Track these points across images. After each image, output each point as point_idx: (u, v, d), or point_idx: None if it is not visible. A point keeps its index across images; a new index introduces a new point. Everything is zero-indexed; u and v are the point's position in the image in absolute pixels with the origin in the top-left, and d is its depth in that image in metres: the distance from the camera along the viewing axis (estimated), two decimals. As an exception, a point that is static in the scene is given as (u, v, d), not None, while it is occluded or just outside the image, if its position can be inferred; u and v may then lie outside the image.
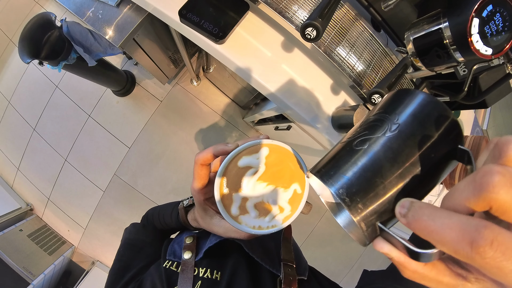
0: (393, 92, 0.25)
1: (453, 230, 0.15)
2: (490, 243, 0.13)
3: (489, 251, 0.13)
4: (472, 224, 0.14)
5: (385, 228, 0.21)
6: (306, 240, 2.14)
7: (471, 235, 0.14)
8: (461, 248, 0.14)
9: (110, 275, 0.43)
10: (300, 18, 0.61)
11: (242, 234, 0.36)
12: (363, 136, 0.23)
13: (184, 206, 0.46)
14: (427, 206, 0.17)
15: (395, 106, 0.24)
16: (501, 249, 0.13)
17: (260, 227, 0.32)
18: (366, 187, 0.20)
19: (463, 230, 0.14)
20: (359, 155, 0.22)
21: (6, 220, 1.92)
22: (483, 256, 0.14)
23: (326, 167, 0.23)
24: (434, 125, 0.21)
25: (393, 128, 0.22)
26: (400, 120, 0.22)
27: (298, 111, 0.70)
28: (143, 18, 0.87)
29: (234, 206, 0.32)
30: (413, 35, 0.50)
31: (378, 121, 0.23)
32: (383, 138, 0.22)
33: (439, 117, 0.22)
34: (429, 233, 0.16)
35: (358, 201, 0.20)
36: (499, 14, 0.41)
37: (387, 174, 0.21)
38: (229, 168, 0.32)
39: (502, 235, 0.13)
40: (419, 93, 0.23)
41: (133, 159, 2.01)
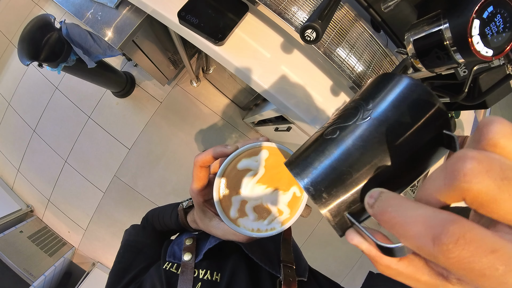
0: (375, 77, 0.23)
1: (416, 224, 0.13)
2: (455, 241, 0.12)
3: (454, 250, 0.12)
4: (438, 218, 0.13)
5: (352, 219, 0.20)
6: (307, 240, 2.14)
7: (435, 230, 0.13)
8: (423, 244, 0.13)
9: (110, 276, 0.43)
10: (299, 20, 0.61)
11: (241, 237, 0.35)
12: (334, 125, 0.22)
13: (184, 208, 0.46)
14: (396, 197, 0.16)
15: (372, 91, 0.22)
16: (469, 248, 0.12)
17: (259, 230, 0.32)
18: (332, 177, 0.20)
19: (427, 224, 0.13)
20: (327, 144, 0.21)
21: (7, 222, 1.92)
22: (446, 255, 0.12)
23: (296, 158, 0.22)
24: (411, 110, 0.20)
25: (365, 115, 0.20)
26: (373, 106, 0.21)
27: (297, 112, 0.70)
28: (142, 19, 0.87)
29: (233, 208, 0.32)
30: (413, 36, 0.50)
31: (353, 109, 0.22)
32: (353, 126, 0.20)
33: (417, 101, 0.20)
34: (393, 226, 0.15)
35: (323, 190, 0.19)
36: (499, 15, 0.41)
37: (356, 163, 0.19)
38: (228, 170, 0.32)
39: (473, 232, 0.12)
40: (397, 77, 0.21)
41: (133, 160, 2.01)
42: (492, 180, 0.12)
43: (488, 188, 0.12)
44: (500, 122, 0.14)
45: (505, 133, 0.13)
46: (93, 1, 0.87)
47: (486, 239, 0.12)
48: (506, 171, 0.12)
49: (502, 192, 0.12)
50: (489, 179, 0.12)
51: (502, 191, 0.12)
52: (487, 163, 0.12)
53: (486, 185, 0.12)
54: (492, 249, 0.11)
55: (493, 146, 0.13)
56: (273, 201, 0.32)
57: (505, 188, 0.12)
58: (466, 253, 0.12)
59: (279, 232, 0.32)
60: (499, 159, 0.13)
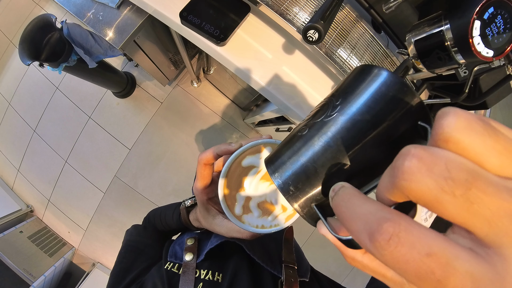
0: (351, 71, 0.23)
1: (358, 219, 0.13)
2: (387, 239, 0.11)
3: (386, 247, 0.11)
4: (377, 215, 0.13)
5: (317, 210, 0.20)
6: (307, 241, 2.14)
7: (371, 226, 0.12)
8: (362, 240, 0.13)
9: (111, 277, 0.43)
10: (301, 20, 0.61)
11: (245, 234, 0.36)
12: (306, 121, 0.23)
13: (186, 207, 0.46)
14: (351, 192, 0.16)
15: (341, 86, 0.22)
16: (402, 248, 0.11)
17: (263, 226, 0.32)
18: (298, 172, 0.20)
19: (367, 221, 0.13)
20: (297, 141, 0.22)
21: (7, 222, 1.92)
22: (380, 252, 0.12)
23: (273, 155, 0.23)
24: (378, 103, 0.19)
25: (332, 112, 0.20)
26: (341, 102, 0.20)
27: (299, 113, 0.70)
28: (143, 20, 0.87)
29: (238, 205, 0.33)
30: (414, 37, 0.50)
31: (323, 105, 0.22)
32: (320, 123, 0.21)
33: (385, 93, 0.19)
34: (342, 220, 0.15)
35: (290, 183, 0.20)
36: (500, 16, 0.41)
37: (320, 159, 0.20)
38: (233, 167, 0.32)
39: (408, 231, 0.11)
40: (367, 68, 0.20)
41: (134, 160, 2.01)
42: (433, 179, 0.11)
43: (429, 188, 0.11)
44: (453, 114, 0.12)
45: (459, 126, 0.12)
46: (94, 1, 0.88)
47: (423, 240, 0.11)
48: (452, 170, 0.11)
49: (445, 193, 0.11)
50: (429, 178, 0.11)
51: (445, 192, 0.11)
52: (429, 160, 0.12)
53: (426, 185, 0.11)
54: (428, 252, 0.11)
55: (445, 141, 0.12)
56: (277, 198, 0.33)
57: (448, 188, 0.11)
58: (398, 252, 0.11)
59: (283, 228, 0.33)
60: (446, 156, 0.12)
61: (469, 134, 0.12)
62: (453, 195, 0.11)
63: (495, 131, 0.12)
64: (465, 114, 0.12)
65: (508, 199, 0.11)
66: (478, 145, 0.11)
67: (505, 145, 0.11)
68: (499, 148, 0.11)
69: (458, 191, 0.11)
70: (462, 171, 0.11)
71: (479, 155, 0.12)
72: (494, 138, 0.11)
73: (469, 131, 0.12)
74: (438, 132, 0.12)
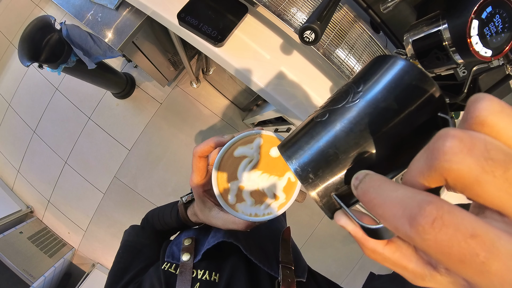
0: (370, 61, 0.23)
1: (394, 204, 0.13)
2: (431, 222, 0.11)
3: (430, 231, 0.11)
4: (416, 198, 0.12)
5: (338, 199, 0.20)
6: (307, 242, 2.13)
7: (411, 210, 0.12)
8: (400, 225, 0.12)
9: (109, 276, 0.43)
10: (298, 21, 0.61)
11: (240, 225, 0.36)
12: (325, 107, 0.22)
13: (184, 203, 0.47)
14: (379, 178, 0.15)
15: (363, 74, 0.22)
16: (447, 231, 0.11)
17: (257, 214, 0.33)
18: (318, 158, 0.20)
19: (405, 204, 0.12)
20: (316, 126, 0.21)
21: (6, 223, 1.92)
22: (422, 237, 0.11)
23: (288, 141, 0.23)
24: (403, 93, 0.19)
25: (355, 98, 0.20)
26: (363, 88, 0.20)
27: (297, 113, 0.70)
28: (142, 21, 0.88)
29: (231, 194, 0.33)
30: (412, 37, 0.50)
31: (344, 92, 0.22)
32: (342, 108, 0.20)
33: (410, 83, 0.19)
34: (373, 207, 0.14)
35: (309, 171, 0.20)
36: (498, 15, 0.41)
37: (342, 145, 0.19)
38: (225, 158, 0.33)
39: (451, 214, 0.11)
40: (389, 58, 0.21)
41: (133, 161, 2.01)
42: (475, 159, 0.11)
43: (470, 168, 0.11)
44: (488, 99, 0.12)
45: (493, 110, 0.12)
46: (93, 3, 0.88)
47: (466, 222, 0.11)
48: (491, 151, 0.11)
49: (485, 173, 0.11)
50: (471, 158, 0.11)
51: (486, 172, 0.11)
52: (469, 141, 0.11)
53: (468, 165, 0.11)
54: (472, 234, 0.11)
55: (480, 124, 0.12)
56: (269, 186, 0.33)
57: (489, 168, 0.11)
58: (443, 235, 0.11)
59: (276, 216, 0.33)
60: (484, 138, 0.12)
61: (503, 118, 0.12)
62: (493, 175, 0.11)
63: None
64: (498, 100, 0.12)
65: None
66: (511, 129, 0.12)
67: None
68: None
69: (498, 171, 0.11)
70: (500, 153, 0.11)
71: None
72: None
73: (503, 115, 0.12)
74: (474, 115, 0.12)
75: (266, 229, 0.55)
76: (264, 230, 0.54)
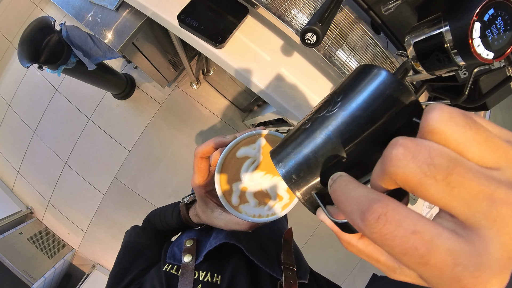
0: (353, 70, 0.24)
1: (352, 201, 0.15)
2: (377, 218, 0.13)
3: (375, 226, 0.13)
4: (368, 197, 0.14)
5: (316, 197, 0.22)
6: (307, 242, 2.13)
7: (363, 207, 0.13)
8: (355, 219, 0.14)
9: (110, 277, 0.43)
10: (299, 22, 0.60)
11: (243, 225, 0.36)
12: (310, 116, 0.24)
13: (185, 203, 0.46)
14: (347, 180, 0.17)
15: (343, 83, 0.23)
16: (389, 226, 0.12)
17: (260, 215, 0.33)
18: (300, 161, 0.22)
19: (359, 202, 0.14)
20: (300, 133, 0.23)
21: (6, 223, 1.92)
22: (370, 230, 0.13)
23: (278, 146, 0.25)
24: (378, 102, 0.20)
25: (333, 107, 0.22)
26: (342, 98, 0.22)
27: (297, 115, 0.70)
28: (142, 22, 0.87)
29: (234, 195, 0.33)
30: (413, 39, 0.49)
31: (326, 101, 0.23)
32: (322, 117, 0.22)
33: (382, 90, 0.20)
34: (339, 204, 0.16)
35: (292, 172, 0.22)
36: (500, 17, 0.41)
37: (320, 150, 0.21)
38: (228, 159, 0.33)
39: (395, 211, 0.12)
40: (366, 68, 0.22)
41: (133, 162, 2.01)
42: (417, 165, 0.12)
43: (413, 173, 0.12)
44: (438, 109, 0.13)
45: (442, 119, 0.13)
46: (93, 4, 0.87)
47: (409, 219, 0.12)
48: (435, 157, 0.12)
49: (427, 177, 0.12)
50: (413, 164, 0.12)
51: (428, 176, 0.12)
52: (414, 148, 0.13)
53: (410, 170, 0.13)
54: (413, 230, 0.12)
55: (430, 133, 0.13)
56: (272, 187, 0.33)
57: (430, 173, 0.12)
58: (386, 230, 0.12)
59: (279, 217, 0.33)
60: (429, 146, 0.13)
61: (451, 126, 0.13)
62: (435, 179, 0.12)
63: (476, 124, 0.13)
64: (448, 109, 0.13)
65: (486, 185, 0.12)
66: (459, 136, 0.13)
67: (485, 137, 0.13)
68: (479, 139, 0.13)
69: (440, 176, 0.12)
70: (444, 159, 0.12)
71: (460, 145, 0.13)
72: (475, 131, 0.13)
73: (451, 123, 0.13)
74: (424, 124, 0.14)
75: (268, 230, 0.55)
76: (266, 231, 0.53)
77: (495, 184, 0.12)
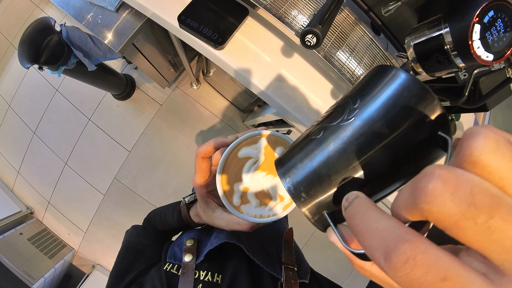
0: (370, 69, 0.21)
1: (374, 235, 0.13)
2: (404, 261, 0.11)
3: (402, 270, 0.11)
4: (394, 234, 0.12)
5: (328, 218, 0.19)
6: (307, 242, 2.13)
7: (388, 246, 0.12)
8: (376, 257, 0.12)
9: (110, 277, 0.43)
10: (300, 24, 0.60)
11: (244, 226, 0.36)
12: (321, 124, 0.21)
13: (186, 203, 0.46)
14: (366, 204, 0.15)
15: (361, 87, 0.21)
16: (418, 271, 0.11)
17: (261, 216, 0.33)
18: (311, 178, 0.20)
19: (383, 238, 0.12)
20: (310, 144, 0.21)
21: (6, 224, 1.92)
22: (394, 273, 0.11)
23: (283, 156, 0.23)
24: (400, 111, 0.18)
25: (350, 115, 0.19)
26: (360, 105, 0.19)
27: (297, 116, 0.70)
28: (142, 23, 0.87)
29: (236, 196, 0.33)
30: (413, 41, 0.49)
31: (340, 107, 0.21)
32: (337, 126, 0.20)
33: (408, 100, 0.17)
34: (356, 233, 0.14)
35: (302, 190, 0.20)
36: (500, 19, 0.41)
37: (335, 166, 0.19)
38: (229, 159, 0.33)
39: (425, 255, 0.11)
40: (388, 71, 0.19)
41: (133, 162, 2.01)
42: (456, 205, 0.11)
43: (450, 213, 0.11)
44: (484, 136, 0.12)
45: (488, 149, 0.11)
46: (93, 4, 0.87)
47: (440, 264, 0.11)
48: (477, 196, 0.11)
49: (466, 219, 0.11)
50: (452, 203, 0.11)
51: (467, 218, 0.11)
52: (454, 184, 0.11)
53: (448, 209, 0.11)
54: (444, 277, 0.11)
55: (472, 163, 0.12)
56: (274, 187, 0.33)
57: (470, 215, 0.11)
58: (413, 275, 0.11)
59: (281, 217, 0.33)
60: (471, 181, 0.11)
61: (497, 158, 0.11)
62: (475, 222, 0.11)
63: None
64: (495, 136, 0.11)
65: None
66: (505, 170, 0.11)
67: None
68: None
69: (480, 219, 0.11)
70: (487, 197, 0.11)
71: (505, 180, 0.11)
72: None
73: (498, 154, 0.11)
74: (466, 153, 0.12)
75: (269, 230, 0.55)
76: (266, 231, 0.53)
77: None
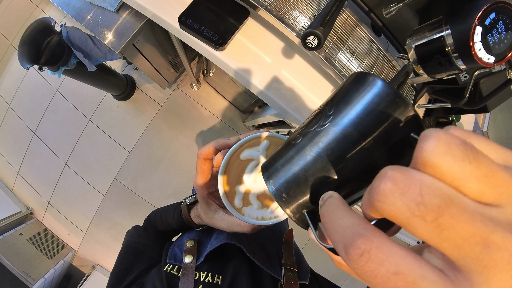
0: (346, 78, 0.22)
1: (338, 231, 0.14)
2: (360, 254, 0.12)
3: (358, 262, 0.12)
4: (353, 229, 0.13)
5: (307, 217, 0.21)
6: (307, 243, 2.13)
7: (347, 240, 0.13)
8: (339, 250, 0.13)
9: (110, 277, 0.43)
10: (301, 25, 0.60)
11: (246, 227, 0.36)
12: (300, 130, 0.23)
13: (187, 204, 0.46)
14: (336, 203, 0.16)
15: (335, 95, 0.22)
16: (371, 264, 0.12)
17: (263, 218, 0.33)
18: (290, 179, 0.21)
19: (344, 233, 0.13)
20: (290, 149, 0.22)
21: (6, 224, 1.91)
22: (352, 265, 0.12)
23: (269, 162, 0.24)
24: (373, 116, 0.18)
25: (325, 121, 0.20)
26: (334, 111, 0.20)
27: (297, 117, 0.70)
28: (142, 23, 0.87)
29: (237, 198, 0.33)
30: (414, 42, 0.49)
31: (317, 114, 0.22)
32: (313, 132, 0.21)
33: (379, 106, 0.18)
34: (326, 230, 0.16)
35: (282, 190, 0.21)
36: (501, 22, 0.41)
37: (310, 168, 0.20)
38: (231, 161, 0.33)
39: (379, 249, 0.12)
40: (360, 77, 0.20)
41: (134, 163, 2.01)
42: (405, 203, 0.11)
43: (400, 211, 0.12)
44: (435, 138, 0.12)
45: (439, 151, 0.12)
46: (93, 5, 0.87)
47: (392, 259, 0.11)
48: (425, 196, 0.11)
49: (415, 217, 0.11)
50: (401, 202, 0.12)
51: (416, 216, 0.11)
52: (404, 184, 0.12)
53: (398, 208, 0.12)
54: (396, 271, 0.11)
55: (423, 165, 0.12)
56: None
57: (419, 213, 0.11)
58: (368, 267, 0.12)
59: (283, 219, 0.33)
60: (421, 181, 0.12)
61: (448, 159, 0.12)
62: (424, 219, 0.11)
63: (477, 157, 0.11)
64: (446, 138, 0.12)
65: (481, 228, 0.11)
66: (456, 171, 0.11)
67: (486, 171, 0.11)
68: (479, 174, 0.11)
69: (429, 217, 0.11)
70: (436, 197, 0.11)
71: (457, 180, 0.11)
72: (475, 164, 0.11)
73: (448, 156, 0.12)
74: (418, 155, 0.12)
75: (269, 231, 0.55)
76: (266, 232, 0.53)
77: (491, 226, 0.11)
